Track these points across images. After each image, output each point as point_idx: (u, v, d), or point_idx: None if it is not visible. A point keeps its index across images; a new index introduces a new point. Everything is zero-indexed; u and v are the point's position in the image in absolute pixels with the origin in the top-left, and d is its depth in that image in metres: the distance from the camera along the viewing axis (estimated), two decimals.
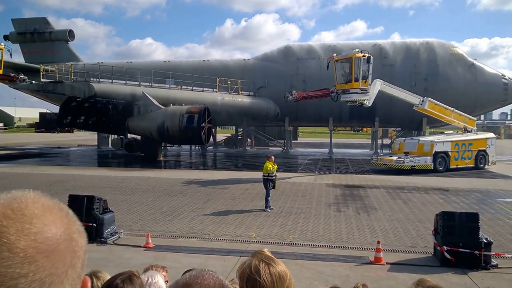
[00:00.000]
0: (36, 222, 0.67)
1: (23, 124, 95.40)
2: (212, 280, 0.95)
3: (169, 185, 17.67)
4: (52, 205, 0.73)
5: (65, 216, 0.73)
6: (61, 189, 16.21)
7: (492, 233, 9.82)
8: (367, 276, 7.45)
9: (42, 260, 0.64)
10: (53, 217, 0.70)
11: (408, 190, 16.81)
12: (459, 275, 7.56)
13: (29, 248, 0.64)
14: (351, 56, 22.38)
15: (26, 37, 41.07)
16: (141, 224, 11.21)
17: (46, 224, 0.68)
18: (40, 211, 0.69)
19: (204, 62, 39.21)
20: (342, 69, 23.09)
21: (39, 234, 0.66)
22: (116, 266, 7.27)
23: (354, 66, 22.13)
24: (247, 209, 13.07)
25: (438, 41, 34.83)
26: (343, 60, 23.03)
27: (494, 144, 25.08)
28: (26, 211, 0.67)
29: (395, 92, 23.73)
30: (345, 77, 22.86)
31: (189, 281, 0.94)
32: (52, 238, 0.67)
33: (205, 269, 1.00)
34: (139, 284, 2.17)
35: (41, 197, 0.74)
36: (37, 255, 0.64)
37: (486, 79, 32.91)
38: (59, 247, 0.67)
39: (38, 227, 0.66)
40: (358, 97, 22.37)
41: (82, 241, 0.75)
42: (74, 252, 0.70)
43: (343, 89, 22.75)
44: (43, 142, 47.91)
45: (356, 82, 22.13)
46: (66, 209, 0.76)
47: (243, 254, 8.13)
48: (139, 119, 27.20)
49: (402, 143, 24.27)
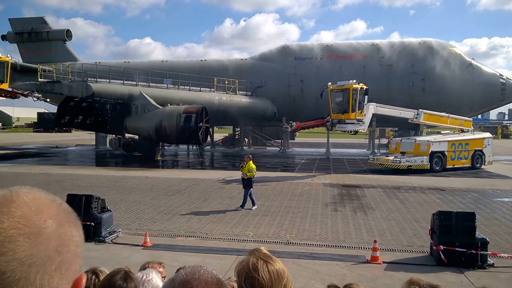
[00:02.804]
0: (23, 207, 0.69)
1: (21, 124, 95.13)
2: (209, 276, 0.96)
3: (167, 185, 17.67)
4: (44, 196, 0.75)
5: (56, 206, 0.75)
6: (59, 188, 16.19)
7: (489, 232, 9.87)
8: (363, 275, 7.50)
9: (23, 241, 0.66)
10: (42, 205, 0.72)
11: (405, 190, 16.88)
12: (455, 274, 7.61)
13: (11, 228, 0.66)
14: (348, 87, 22.04)
15: (24, 37, 40.96)
16: (139, 223, 11.22)
17: (32, 209, 0.70)
18: (30, 199, 0.71)
19: (202, 62, 39.20)
20: (338, 99, 22.81)
21: (24, 217, 0.68)
22: (115, 265, 7.25)
23: (351, 97, 21.91)
24: (245, 208, 13.09)
25: (436, 41, 34.94)
26: (338, 90, 22.75)
27: (491, 144, 25.18)
28: (16, 198, 0.70)
29: (388, 112, 23.91)
30: (341, 106, 22.64)
31: (186, 277, 0.94)
32: (36, 222, 0.69)
33: (199, 266, 1.01)
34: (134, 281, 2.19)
35: (36, 191, 0.76)
36: (19, 236, 0.66)
37: (484, 79, 33.04)
38: (43, 231, 0.69)
39: (23, 211, 0.69)
40: (354, 128, 22.62)
41: (73, 232, 0.75)
42: (62, 239, 0.71)
43: (339, 119, 22.60)
44: (41, 142, 47.78)
45: (353, 113, 22.03)
46: (59, 202, 0.77)
47: (241, 253, 8.15)
48: (137, 119, 27.19)
49: (399, 143, 24.35)
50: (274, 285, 1.45)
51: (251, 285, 1.44)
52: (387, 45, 34.98)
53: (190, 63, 39.63)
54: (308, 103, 32.76)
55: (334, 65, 34.37)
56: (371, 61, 34.04)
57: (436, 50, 33.55)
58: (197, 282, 0.93)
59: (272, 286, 1.44)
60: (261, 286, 1.44)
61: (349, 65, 33.97)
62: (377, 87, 28.60)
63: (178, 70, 33.08)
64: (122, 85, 28.34)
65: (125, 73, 29.47)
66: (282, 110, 34.82)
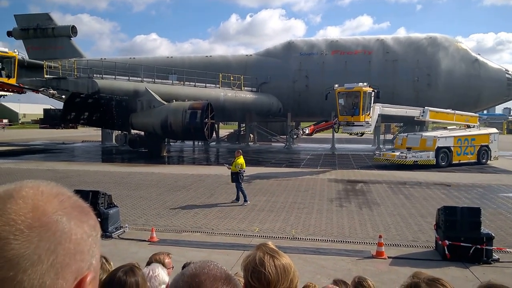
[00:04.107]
0: (19, 203, 0.68)
1: (28, 120, 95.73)
2: (218, 271, 0.99)
3: (173, 180, 17.78)
4: (48, 191, 0.73)
5: (58, 202, 0.72)
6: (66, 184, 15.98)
7: (494, 227, 9.87)
8: (368, 270, 7.53)
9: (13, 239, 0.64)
10: (41, 201, 0.70)
11: (410, 185, 16.85)
12: (460, 269, 7.63)
13: (2, 225, 0.64)
14: (358, 90, 21.79)
15: (29, 33, 41.14)
16: (145, 219, 11.33)
17: (29, 206, 0.68)
18: (30, 195, 0.70)
19: (207, 58, 39.20)
20: (345, 101, 22.64)
21: (18, 214, 0.67)
22: (121, 260, 7.35)
23: (362, 100, 21.69)
24: (251, 203, 13.15)
25: (442, 36, 34.65)
26: (346, 92, 22.52)
27: (497, 139, 25.03)
28: (16, 193, 0.69)
29: (394, 111, 23.79)
30: (348, 108, 22.46)
31: (196, 271, 0.97)
32: (29, 219, 0.67)
33: (208, 261, 1.03)
34: (141, 276, 2.21)
35: (43, 185, 0.74)
36: (9, 234, 0.64)
37: (490, 74, 32.76)
38: (35, 229, 0.66)
39: (18, 208, 0.67)
40: (361, 130, 22.55)
41: (75, 229, 0.71)
42: (56, 238, 0.68)
43: (347, 121, 22.41)
44: (47, 138, 48.13)
45: (362, 115, 21.87)
46: (64, 197, 0.75)
47: (246, 248, 8.22)
48: (142, 115, 27.30)
49: (405, 138, 24.25)
50: (280, 280, 1.46)
51: (258, 280, 1.45)
52: (393, 41, 34.74)
53: (195, 59, 39.64)
54: (313, 99, 32.68)
55: (339, 60, 34.24)
56: (376, 56, 33.84)
57: (441, 46, 33.28)
58: (205, 276, 0.95)
59: (278, 281, 1.45)
60: (267, 280, 1.44)
61: (354, 60, 33.83)
62: (382, 82, 28.46)
63: (183, 66, 33.14)
64: (128, 81, 28.43)
65: (131, 69, 29.57)
66: (287, 105, 34.78)
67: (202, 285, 0.94)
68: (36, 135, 54.14)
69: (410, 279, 1.96)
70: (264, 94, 34.49)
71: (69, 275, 0.69)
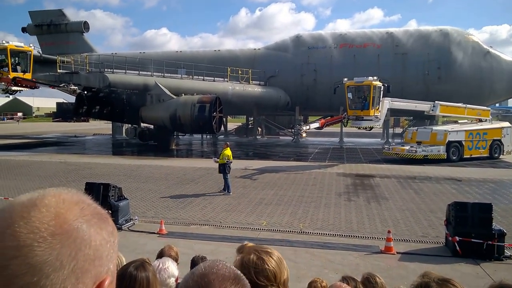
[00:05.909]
0: (43, 211, 0.71)
1: (41, 113, 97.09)
2: (227, 270, 0.99)
3: (182, 174, 17.90)
4: (69, 199, 0.76)
5: (79, 210, 0.74)
6: (77, 176, 16.58)
7: (506, 224, 9.73)
8: (377, 265, 7.51)
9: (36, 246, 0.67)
10: (63, 209, 0.73)
11: (420, 180, 16.69)
12: (471, 266, 7.56)
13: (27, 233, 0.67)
14: (369, 84, 21.64)
15: (43, 29, 41.61)
16: (154, 211, 11.45)
17: (52, 214, 0.71)
18: (53, 203, 0.73)
19: (216, 52, 39.17)
20: (355, 95, 22.44)
21: (41, 222, 0.69)
22: (131, 252, 7.48)
23: (372, 94, 21.52)
24: (258, 197, 13.19)
25: (453, 29, 34.04)
26: (356, 86, 22.34)
27: (509, 133, 24.60)
28: (39, 202, 0.72)
29: (404, 106, 23.45)
30: (359, 103, 22.27)
31: (205, 271, 0.98)
32: (52, 227, 0.69)
33: (218, 260, 1.04)
34: (151, 271, 2.23)
35: (65, 192, 0.77)
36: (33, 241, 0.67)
37: (502, 67, 32.14)
38: (57, 237, 0.69)
39: (42, 216, 0.70)
40: (370, 124, 22.36)
41: (94, 235, 0.74)
42: (76, 244, 0.70)
43: (357, 115, 22.30)
44: (60, 131, 48.77)
45: (372, 109, 21.69)
46: (84, 204, 0.77)
47: (254, 241, 8.25)
48: (152, 109, 27.52)
49: (415, 132, 23.98)
50: (281, 270, 1.52)
51: (265, 278, 1.48)
52: (402, 34, 34.23)
53: (204, 53, 39.66)
54: (321, 93, 32.46)
55: (347, 54, 33.89)
56: (385, 50, 33.39)
57: (452, 38, 32.70)
58: (214, 276, 0.96)
59: (281, 272, 1.51)
60: (274, 275, 1.49)
61: (363, 54, 33.45)
62: (392, 76, 28.13)
63: (192, 61, 33.17)
64: (138, 76, 28.63)
65: (141, 63, 29.72)
66: (295, 99, 34.61)
67: (210, 284, 0.94)
68: (49, 128, 54.85)
69: (420, 279, 1.94)
70: (272, 87, 34.38)
71: (88, 280, 0.71)
